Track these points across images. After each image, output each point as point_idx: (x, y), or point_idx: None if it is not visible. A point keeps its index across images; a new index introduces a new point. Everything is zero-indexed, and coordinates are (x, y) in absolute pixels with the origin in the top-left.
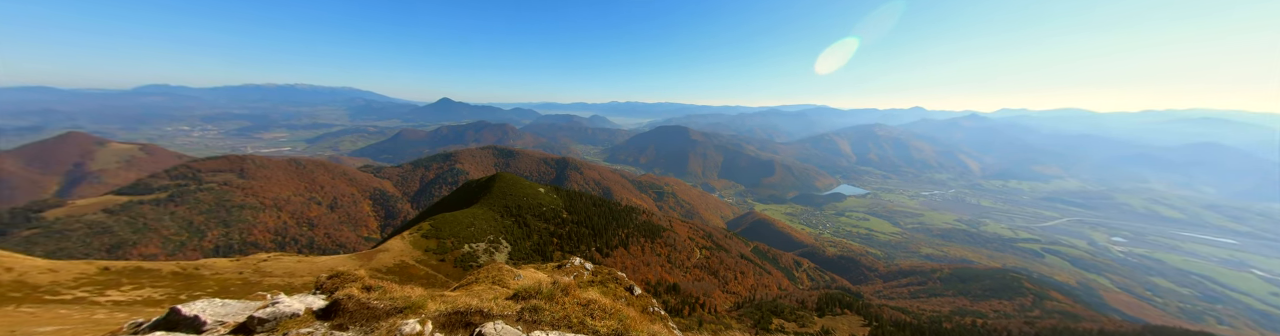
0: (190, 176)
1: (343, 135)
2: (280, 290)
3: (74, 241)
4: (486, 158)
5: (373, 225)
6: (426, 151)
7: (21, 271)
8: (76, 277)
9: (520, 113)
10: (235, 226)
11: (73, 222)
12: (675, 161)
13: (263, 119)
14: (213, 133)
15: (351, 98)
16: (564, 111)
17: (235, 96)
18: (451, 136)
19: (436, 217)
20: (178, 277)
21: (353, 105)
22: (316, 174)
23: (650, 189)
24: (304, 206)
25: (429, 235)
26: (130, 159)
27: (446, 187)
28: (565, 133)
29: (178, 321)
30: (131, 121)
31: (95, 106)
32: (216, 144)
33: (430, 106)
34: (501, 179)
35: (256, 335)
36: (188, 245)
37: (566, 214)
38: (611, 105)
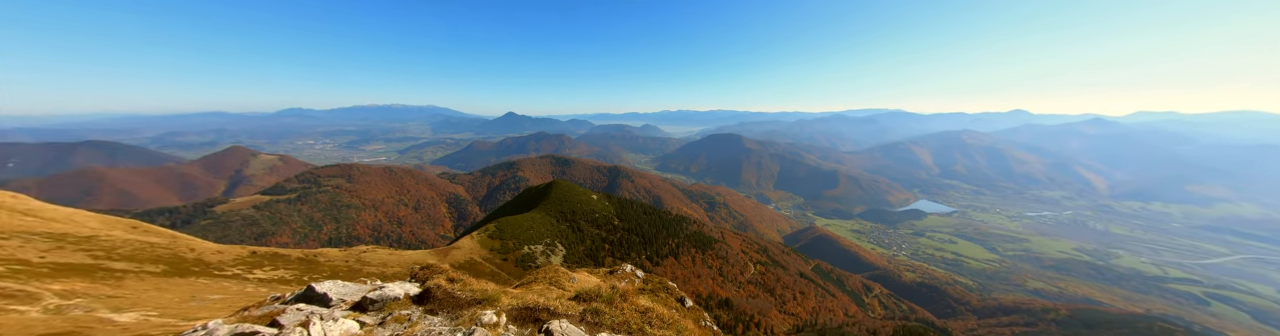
0: (312, 181)
1: (426, 146)
2: (377, 278)
3: (233, 230)
4: (544, 166)
5: (448, 225)
6: (493, 160)
7: (200, 252)
8: (234, 258)
9: (576, 123)
10: (343, 222)
11: (233, 216)
12: (727, 171)
13: (366, 134)
14: (330, 145)
15: (434, 114)
16: (616, 121)
17: (346, 116)
18: (515, 147)
19: (500, 220)
20: (301, 262)
21: (434, 120)
22: (405, 180)
23: (701, 199)
24: (395, 207)
25: (494, 236)
26: (272, 166)
27: (509, 193)
28: (617, 142)
29: (311, 296)
30: (274, 137)
31: (251, 126)
32: (332, 154)
33: (497, 120)
34: (558, 186)
35: (368, 312)
36: (309, 236)
37: (618, 221)
38: (662, 114)
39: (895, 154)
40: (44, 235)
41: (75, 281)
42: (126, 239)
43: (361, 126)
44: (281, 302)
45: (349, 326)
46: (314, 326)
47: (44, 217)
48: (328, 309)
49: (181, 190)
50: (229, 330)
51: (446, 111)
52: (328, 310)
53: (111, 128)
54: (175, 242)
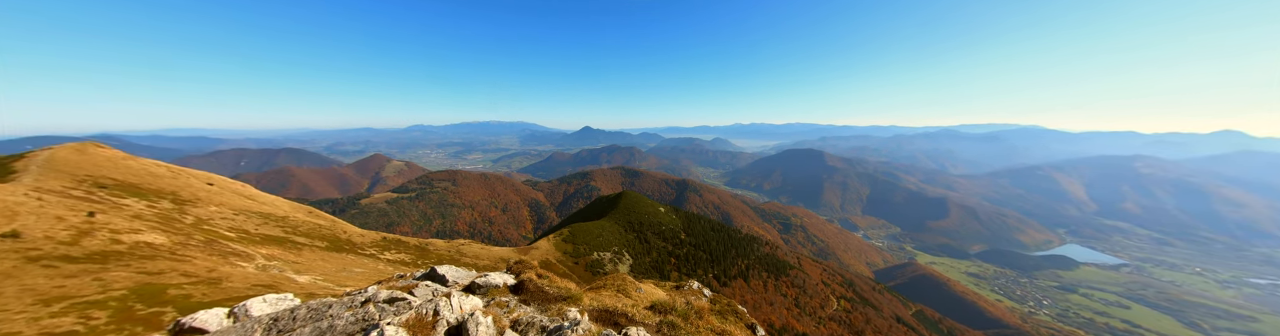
0: (427, 183)
1: (514, 157)
2: (472, 268)
3: (371, 219)
4: (615, 177)
5: (528, 227)
6: (569, 170)
7: (350, 234)
8: (371, 242)
9: (646, 137)
10: (448, 218)
11: (371, 208)
12: (806, 190)
13: (468, 145)
14: (441, 154)
15: (522, 129)
16: (686, 135)
17: (455, 130)
18: (589, 158)
19: (573, 226)
20: (416, 249)
21: (522, 134)
22: (496, 185)
23: (775, 218)
24: (487, 208)
25: (568, 240)
26: (400, 170)
27: (582, 201)
28: (686, 155)
29: (433, 276)
30: (403, 147)
31: (388, 138)
32: (443, 162)
33: (575, 133)
34: (627, 196)
35: (474, 295)
36: (423, 228)
37: (684, 235)
38: (734, 127)
39: (1029, 181)
40: (258, 213)
41: (273, 248)
42: (304, 220)
43: (466, 139)
44: (409, 279)
45: (475, 303)
46: (453, 297)
47: (259, 201)
48: (446, 287)
49: (340, 186)
50: (387, 294)
51: (533, 126)
52: (446, 289)
53: (300, 139)
54: (335, 226)
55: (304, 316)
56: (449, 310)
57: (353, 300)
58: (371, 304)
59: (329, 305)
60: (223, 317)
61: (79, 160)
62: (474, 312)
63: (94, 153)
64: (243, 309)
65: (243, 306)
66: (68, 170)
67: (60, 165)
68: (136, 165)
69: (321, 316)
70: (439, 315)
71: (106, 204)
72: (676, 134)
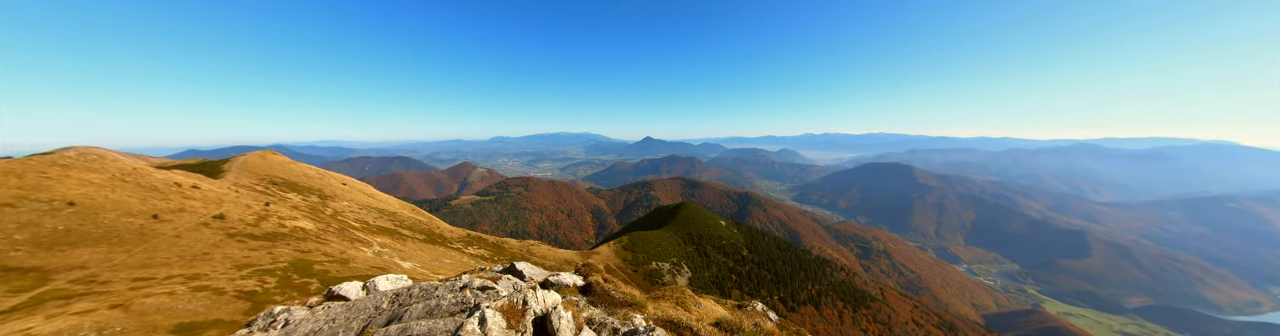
0: (505, 188)
1: (579, 165)
2: (541, 267)
3: (458, 218)
4: (675, 187)
5: (591, 232)
6: (630, 179)
7: (442, 230)
8: (458, 237)
9: (707, 147)
10: (520, 220)
11: (459, 208)
12: (891, 211)
13: (540, 155)
14: (517, 163)
15: (588, 139)
16: (750, 145)
17: (529, 141)
18: (649, 168)
19: (633, 234)
20: (494, 246)
21: (588, 144)
22: (563, 192)
23: (852, 241)
24: (555, 213)
25: (627, 247)
26: (483, 176)
27: (642, 210)
28: (749, 167)
29: (513, 271)
30: (485, 156)
31: (474, 148)
32: (518, 169)
33: (637, 144)
34: (686, 207)
35: (547, 289)
36: (499, 228)
37: (747, 252)
38: (805, 138)
39: (1216, 216)
40: (376, 209)
41: (385, 238)
42: (409, 216)
43: (538, 149)
44: (492, 272)
45: (556, 297)
46: (537, 291)
47: (377, 199)
48: (524, 282)
49: (435, 188)
50: (479, 283)
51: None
52: (525, 283)
53: (408, 149)
54: (431, 222)
55: (417, 294)
56: (535, 301)
57: (453, 285)
58: (468, 289)
59: (435, 287)
60: (359, 289)
61: (261, 163)
62: (556, 306)
63: (270, 158)
64: (372, 284)
65: (372, 282)
66: (254, 171)
67: (249, 167)
68: (296, 168)
69: (430, 296)
70: (527, 305)
71: (276, 196)
72: (739, 144)
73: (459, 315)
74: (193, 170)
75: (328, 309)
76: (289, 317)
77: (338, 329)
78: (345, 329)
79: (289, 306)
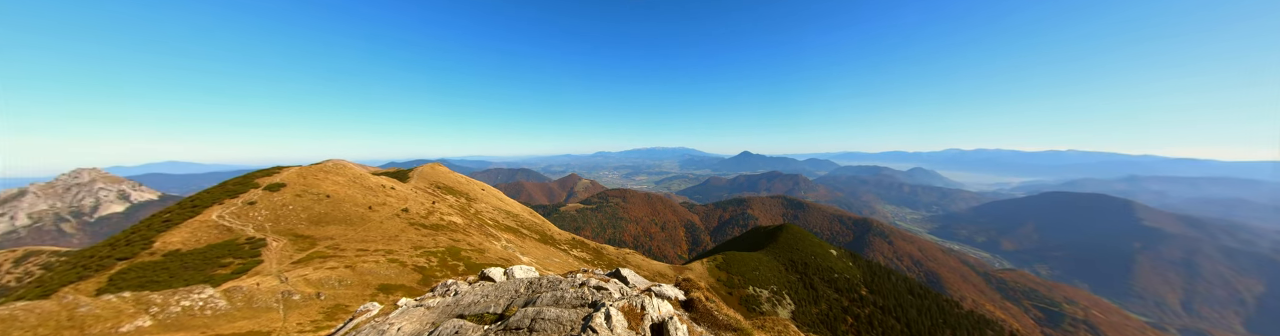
0: (604, 198)
1: (674, 179)
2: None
3: (564, 223)
4: (775, 207)
5: (684, 247)
6: (725, 196)
7: (552, 232)
8: (565, 240)
9: (815, 163)
10: (617, 229)
11: (565, 214)
12: (1092, 263)
13: (636, 168)
14: (616, 175)
15: (682, 154)
16: (870, 162)
17: (627, 156)
18: (746, 184)
19: (728, 254)
20: (594, 251)
21: (682, 159)
22: (657, 204)
23: (1027, 298)
24: (649, 224)
25: (721, 267)
26: (587, 187)
27: (737, 229)
28: (869, 188)
29: (618, 275)
30: (589, 168)
31: (580, 162)
32: (615, 181)
33: (733, 158)
34: (788, 230)
35: (661, 299)
36: (598, 235)
37: (865, 291)
38: (949, 155)
39: None
40: (504, 211)
41: (510, 235)
42: (527, 218)
43: (635, 163)
44: (601, 274)
45: (670, 308)
46: (651, 298)
47: (505, 203)
48: (629, 288)
49: (548, 196)
50: (594, 282)
51: (692, 151)
52: (630, 289)
53: (528, 162)
54: (544, 224)
55: (545, 285)
56: (652, 308)
57: (573, 281)
58: (586, 287)
59: (559, 281)
60: (501, 274)
61: (431, 172)
62: (672, 317)
63: (437, 168)
64: (511, 271)
65: (510, 269)
66: (426, 178)
67: (423, 175)
68: (452, 177)
69: (555, 287)
70: (645, 310)
71: (439, 197)
72: (855, 161)
73: (580, 308)
74: (391, 176)
75: (481, 286)
76: (457, 289)
77: (490, 303)
78: (495, 304)
79: (456, 281)
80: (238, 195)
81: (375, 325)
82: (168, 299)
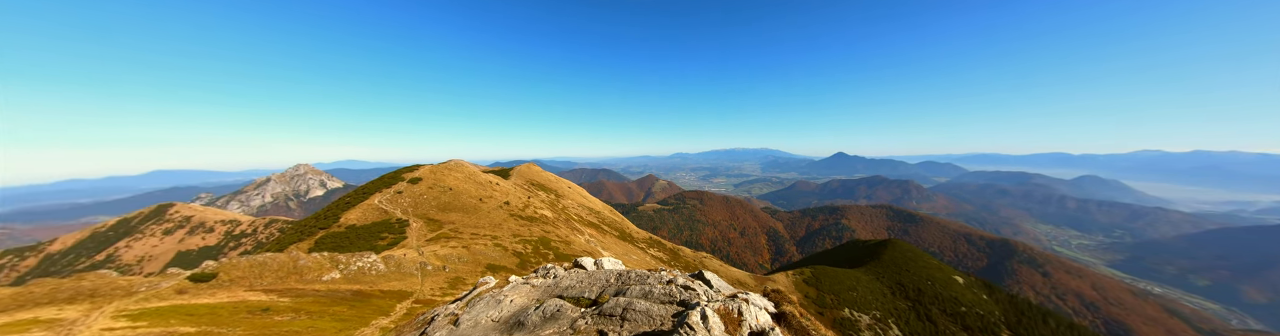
0: (681, 200)
1: (755, 183)
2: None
3: (642, 222)
4: (877, 218)
5: (766, 256)
6: (815, 202)
7: (631, 230)
8: (643, 238)
9: (932, 167)
10: (694, 232)
11: (643, 214)
12: None
13: (714, 170)
14: (693, 177)
15: (765, 155)
16: (1013, 166)
17: (705, 157)
18: (841, 190)
19: (818, 268)
20: (671, 251)
21: (765, 161)
22: (736, 209)
23: None
24: (727, 229)
25: (810, 282)
26: (664, 187)
27: (829, 240)
28: (1013, 201)
29: (702, 278)
30: (666, 170)
31: (657, 163)
32: (692, 183)
33: (824, 161)
34: (895, 247)
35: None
36: (675, 236)
37: (1006, 333)
38: (1145, 158)
39: None
40: (587, 207)
41: (592, 230)
42: (608, 215)
43: (712, 164)
44: (684, 275)
45: (768, 318)
46: (750, 307)
47: (588, 200)
48: (712, 291)
49: (627, 195)
50: (682, 281)
51: (776, 152)
52: (714, 293)
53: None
54: (623, 222)
55: (634, 278)
56: (749, 315)
57: (660, 277)
58: (673, 284)
59: (646, 276)
60: (592, 264)
61: (527, 171)
62: (773, 327)
63: (532, 168)
64: (600, 262)
65: (600, 260)
66: (523, 176)
67: (521, 173)
68: (544, 175)
69: (644, 282)
70: (742, 316)
71: (533, 193)
72: (991, 164)
73: (669, 304)
74: (496, 174)
75: (576, 273)
76: (555, 273)
77: (584, 288)
78: (589, 290)
79: (553, 265)
80: (391, 186)
81: (494, 295)
82: (349, 259)
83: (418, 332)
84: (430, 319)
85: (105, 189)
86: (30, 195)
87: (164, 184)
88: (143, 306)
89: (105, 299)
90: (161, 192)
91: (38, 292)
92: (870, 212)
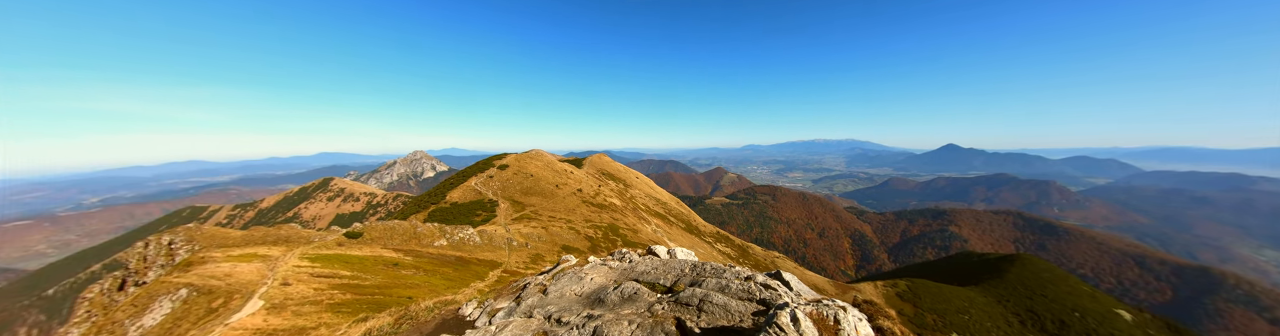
0: (752, 194)
1: (837, 179)
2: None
3: (709, 216)
4: (1000, 226)
5: (849, 261)
6: (913, 203)
7: (698, 223)
8: (709, 232)
9: (1084, 164)
10: (764, 229)
11: (710, 207)
12: None
13: (789, 163)
14: (765, 171)
15: (851, 148)
16: (1219, 165)
17: (779, 149)
18: (949, 190)
19: (916, 282)
20: (739, 248)
21: (851, 154)
22: (814, 206)
23: None
24: (803, 229)
25: (905, 296)
26: (733, 181)
27: (932, 250)
28: (1217, 213)
29: (780, 278)
30: (736, 162)
31: (727, 155)
32: (765, 178)
33: (928, 154)
34: (1025, 264)
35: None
36: (743, 232)
37: None
38: None
39: None
40: (654, 198)
41: (659, 220)
42: (675, 207)
43: (788, 157)
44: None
45: (868, 330)
46: (848, 316)
47: (656, 191)
48: (794, 295)
49: (694, 187)
50: (762, 278)
51: (864, 144)
52: (795, 296)
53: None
54: (690, 214)
55: (710, 271)
56: (848, 325)
57: (738, 273)
58: (752, 282)
59: (723, 270)
60: (665, 252)
61: (598, 161)
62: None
63: (603, 158)
64: (674, 251)
65: (673, 249)
66: (594, 165)
67: (592, 163)
68: (613, 165)
69: (720, 275)
70: (840, 325)
71: (604, 182)
72: (1180, 162)
73: (748, 302)
74: (571, 163)
75: (650, 259)
76: (630, 258)
77: (660, 275)
78: (664, 277)
79: (628, 251)
80: (484, 171)
81: (575, 272)
82: (453, 230)
83: (513, 296)
84: (523, 286)
85: (292, 164)
86: (246, 168)
87: (327, 162)
88: (317, 252)
89: (294, 244)
90: (325, 169)
91: (256, 235)
92: (990, 219)
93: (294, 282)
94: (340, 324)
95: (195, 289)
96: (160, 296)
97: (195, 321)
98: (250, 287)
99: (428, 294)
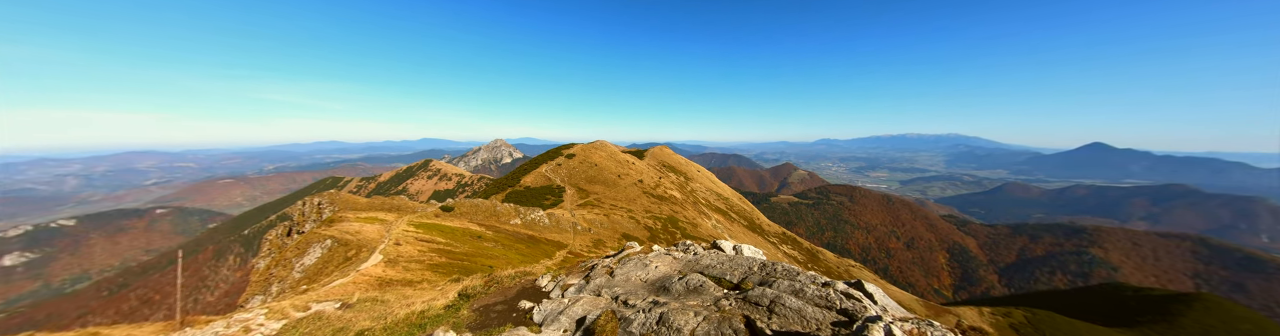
0: (824, 194)
1: (934, 180)
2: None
3: (775, 215)
4: (1172, 255)
5: (945, 280)
6: (1037, 215)
7: (761, 222)
8: (774, 232)
9: None
10: (839, 233)
11: (776, 206)
12: None
13: (873, 161)
14: (842, 168)
15: (954, 145)
16: None
17: (861, 144)
18: (1091, 202)
19: (1039, 313)
20: (808, 252)
21: (953, 152)
22: (901, 212)
23: None
24: (886, 237)
25: (1019, 328)
26: (803, 179)
27: (1059, 275)
28: None
29: (861, 289)
30: (808, 158)
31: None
32: (841, 176)
33: (1062, 155)
34: (1210, 307)
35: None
36: (813, 235)
37: None
38: None
39: None
40: (715, 193)
41: (719, 216)
42: (737, 203)
43: (871, 154)
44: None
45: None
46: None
47: (717, 185)
48: (878, 309)
49: (758, 184)
50: (842, 287)
51: (971, 141)
52: (880, 310)
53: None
54: (753, 212)
55: (781, 272)
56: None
57: (814, 277)
58: (831, 288)
59: (797, 272)
60: (731, 248)
61: (659, 153)
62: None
63: (664, 150)
64: (740, 247)
65: (740, 246)
66: (656, 157)
67: (654, 155)
68: (675, 158)
69: (793, 278)
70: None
71: (664, 174)
72: None
73: (825, 309)
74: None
75: (715, 253)
76: (695, 250)
77: (726, 270)
78: (730, 273)
79: (693, 243)
80: (553, 159)
81: (640, 258)
82: (526, 211)
83: (583, 275)
84: (591, 266)
85: (402, 147)
86: (370, 148)
87: (428, 146)
88: (420, 220)
89: (403, 212)
90: (426, 152)
91: (376, 203)
92: (1155, 244)
93: (403, 243)
94: (439, 281)
95: (336, 240)
96: (313, 243)
97: (337, 265)
98: (372, 244)
99: (505, 265)
